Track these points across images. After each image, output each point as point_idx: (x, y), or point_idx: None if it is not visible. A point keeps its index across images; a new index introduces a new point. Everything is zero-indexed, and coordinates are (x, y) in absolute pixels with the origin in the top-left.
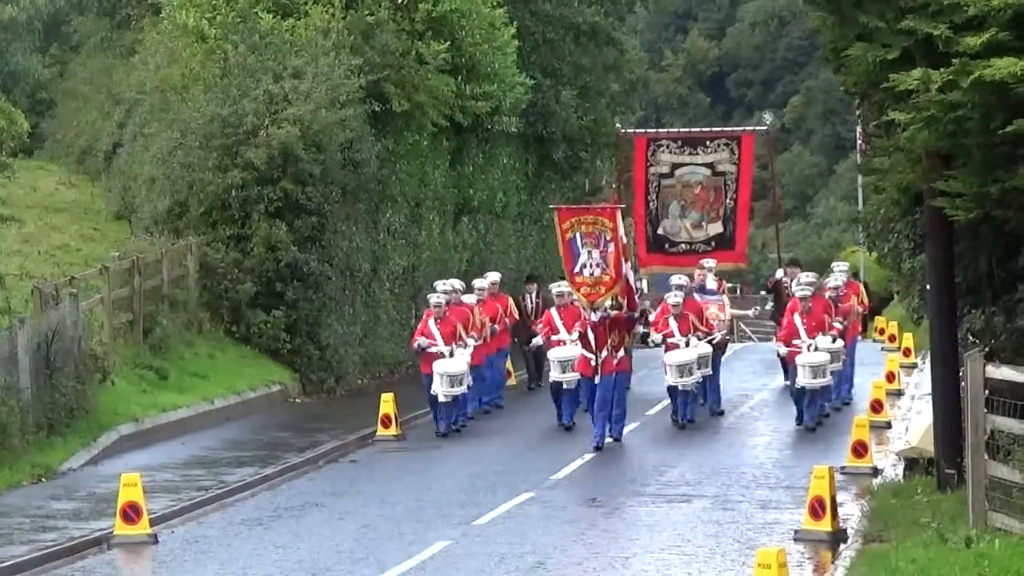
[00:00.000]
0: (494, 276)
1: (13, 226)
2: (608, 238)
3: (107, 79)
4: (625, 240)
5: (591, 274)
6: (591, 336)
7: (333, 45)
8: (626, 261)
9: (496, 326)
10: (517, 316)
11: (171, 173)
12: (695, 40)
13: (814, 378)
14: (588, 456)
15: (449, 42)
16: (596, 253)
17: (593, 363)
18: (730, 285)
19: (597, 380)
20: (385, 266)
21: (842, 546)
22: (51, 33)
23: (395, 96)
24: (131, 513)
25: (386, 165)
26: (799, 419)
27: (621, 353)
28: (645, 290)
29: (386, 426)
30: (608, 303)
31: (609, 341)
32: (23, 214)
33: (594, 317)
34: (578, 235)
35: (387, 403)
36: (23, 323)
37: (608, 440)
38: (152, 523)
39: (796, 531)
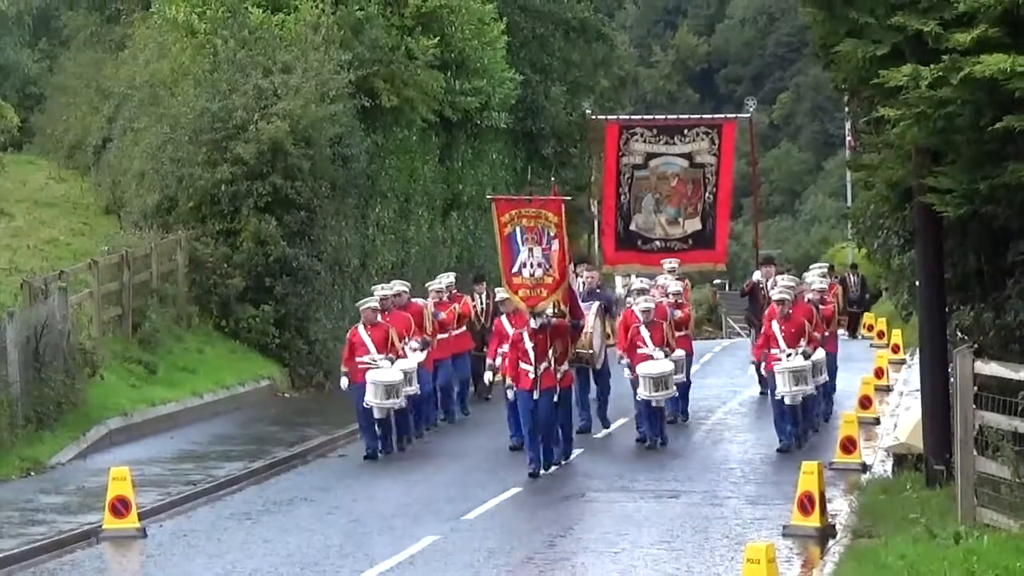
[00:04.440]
0: (448, 278)
1: (2, 220)
2: (552, 234)
3: (97, 74)
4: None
5: (531, 275)
6: (529, 345)
7: (323, 40)
8: (569, 262)
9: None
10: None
11: (160, 168)
12: (684, 36)
13: (796, 384)
14: (577, 452)
15: (438, 37)
16: (538, 251)
17: (531, 376)
18: (718, 281)
19: (536, 396)
20: (374, 261)
21: (831, 541)
22: (41, 27)
23: (384, 91)
24: (120, 507)
25: (375, 160)
26: (781, 440)
27: (564, 367)
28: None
29: None
30: (549, 310)
31: (550, 352)
32: (12, 208)
33: (534, 324)
34: (518, 230)
35: None
36: (12, 317)
37: (554, 467)
38: (141, 517)
39: (785, 526)
